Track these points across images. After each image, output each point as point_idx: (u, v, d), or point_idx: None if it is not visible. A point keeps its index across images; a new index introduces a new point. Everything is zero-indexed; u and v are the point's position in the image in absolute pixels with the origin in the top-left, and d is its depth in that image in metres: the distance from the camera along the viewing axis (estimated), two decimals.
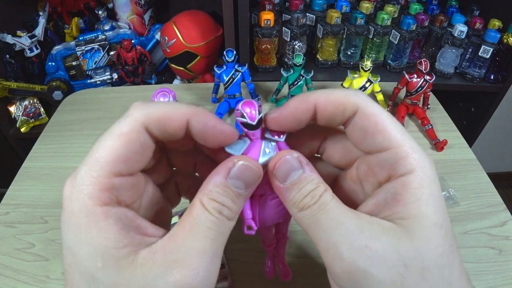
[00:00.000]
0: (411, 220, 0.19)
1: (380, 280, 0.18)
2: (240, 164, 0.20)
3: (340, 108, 0.21)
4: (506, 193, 1.66)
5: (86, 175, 0.19)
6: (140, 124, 0.19)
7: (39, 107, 1.07)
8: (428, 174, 0.20)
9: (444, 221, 0.19)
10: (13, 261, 0.39)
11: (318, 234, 0.20)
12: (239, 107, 0.21)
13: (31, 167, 0.51)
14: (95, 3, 1.09)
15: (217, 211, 0.19)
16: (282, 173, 0.21)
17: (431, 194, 0.19)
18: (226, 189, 0.20)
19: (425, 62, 0.56)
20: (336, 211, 0.20)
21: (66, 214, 0.19)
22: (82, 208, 0.18)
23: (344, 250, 0.19)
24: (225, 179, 0.20)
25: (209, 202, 0.19)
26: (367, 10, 0.97)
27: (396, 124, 0.20)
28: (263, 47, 0.92)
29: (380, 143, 0.20)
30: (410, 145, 0.20)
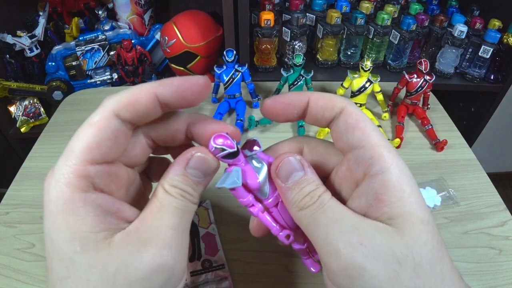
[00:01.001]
0: (399, 219, 0.20)
1: (375, 276, 0.19)
2: (197, 155, 0.22)
3: (329, 105, 0.23)
4: (506, 193, 1.66)
5: (62, 165, 0.19)
6: (110, 112, 0.20)
7: (39, 107, 1.07)
8: (405, 172, 0.21)
9: (429, 217, 0.20)
10: (13, 261, 0.39)
11: (317, 232, 0.21)
12: (213, 144, 0.22)
13: (31, 167, 0.51)
14: (95, 3, 1.09)
15: (180, 195, 0.21)
16: (285, 173, 0.22)
17: (412, 191, 0.20)
18: (186, 178, 0.22)
19: (425, 62, 0.56)
20: (334, 210, 0.21)
21: (46, 204, 0.19)
22: (59, 196, 0.19)
23: (341, 246, 0.19)
24: (184, 168, 0.22)
25: (171, 188, 0.21)
26: (367, 10, 0.97)
27: (375, 128, 0.22)
28: (263, 47, 0.92)
29: (359, 138, 0.21)
30: (385, 145, 0.21)
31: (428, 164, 0.52)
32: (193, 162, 0.22)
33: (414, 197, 0.20)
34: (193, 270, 0.34)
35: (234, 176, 0.22)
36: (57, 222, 0.19)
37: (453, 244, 0.42)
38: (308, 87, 0.59)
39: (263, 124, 0.56)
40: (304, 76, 0.57)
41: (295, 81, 0.57)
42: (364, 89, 0.57)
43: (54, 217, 0.19)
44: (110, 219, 0.20)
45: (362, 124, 0.22)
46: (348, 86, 0.59)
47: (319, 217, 0.21)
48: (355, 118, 0.22)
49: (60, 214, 0.19)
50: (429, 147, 0.55)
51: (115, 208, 0.20)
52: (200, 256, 0.35)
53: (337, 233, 0.20)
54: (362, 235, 0.20)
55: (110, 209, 0.20)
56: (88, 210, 0.19)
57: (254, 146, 0.24)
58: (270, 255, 0.39)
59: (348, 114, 0.22)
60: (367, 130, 0.21)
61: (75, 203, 0.19)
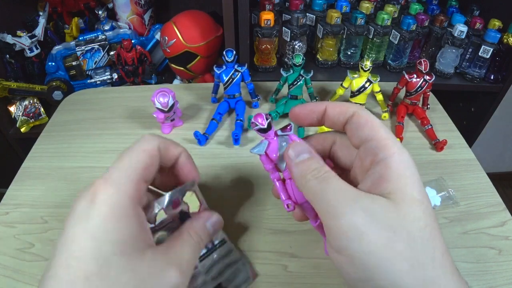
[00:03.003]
0: (396, 194, 0.23)
1: (373, 241, 0.21)
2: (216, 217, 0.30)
3: (343, 110, 0.27)
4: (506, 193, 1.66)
5: (122, 176, 0.23)
6: (157, 144, 0.26)
7: (39, 107, 1.07)
8: (406, 159, 0.24)
9: (424, 198, 0.23)
10: (13, 261, 0.39)
11: (322, 200, 0.23)
12: (253, 120, 0.29)
13: (31, 167, 0.51)
14: (95, 3, 1.09)
15: (198, 240, 0.27)
16: (294, 152, 0.27)
17: (411, 174, 0.23)
18: (204, 229, 0.29)
19: (424, 62, 0.56)
20: (339, 182, 0.24)
21: (98, 205, 0.22)
22: (114, 200, 0.22)
23: (343, 211, 0.22)
24: (204, 223, 0.29)
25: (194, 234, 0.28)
26: (367, 10, 0.97)
27: (382, 125, 0.26)
28: (263, 47, 0.92)
29: (368, 133, 0.25)
30: (391, 139, 0.25)
31: (428, 164, 0.52)
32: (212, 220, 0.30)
33: (412, 180, 0.23)
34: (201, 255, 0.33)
35: (261, 146, 0.29)
36: (108, 225, 0.21)
37: (453, 244, 0.42)
38: (308, 87, 0.59)
39: None
40: (304, 76, 0.57)
41: (295, 81, 0.57)
42: (363, 89, 0.57)
43: (106, 218, 0.21)
44: (147, 235, 0.24)
45: (371, 122, 0.26)
46: (347, 86, 0.59)
47: (325, 188, 0.23)
48: (364, 118, 0.26)
49: (110, 216, 0.21)
50: (429, 147, 0.55)
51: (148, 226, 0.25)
52: None
53: (340, 199, 0.23)
54: (364, 203, 0.22)
55: (146, 225, 0.24)
56: (136, 221, 0.23)
57: (287, 128, 0.30)
58: (270, 255, 0.39)
59: (359, 116, 0.26)
60: (375, 126, 0.25)
61: (128, 210, 0.22)
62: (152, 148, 0.25)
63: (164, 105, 0.50)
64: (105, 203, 0.22)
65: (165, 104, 0.50)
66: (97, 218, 0.21)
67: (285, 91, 0.59)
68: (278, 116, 0.57)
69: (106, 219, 0.21)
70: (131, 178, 0.23)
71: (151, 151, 0.25)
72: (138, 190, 0.23)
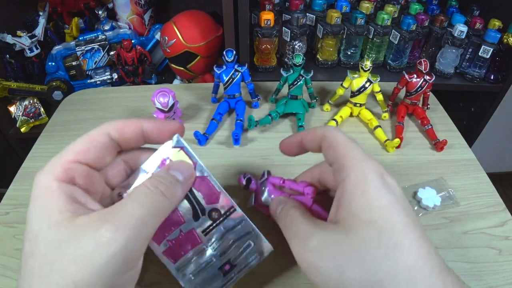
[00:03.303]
0: (346, 220, 0.23)
1: (326, 274, 0.22)
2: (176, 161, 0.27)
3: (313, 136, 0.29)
4: (506, 193, 1.66)
5: (53, 160, 0.24)
6: (104, 130, 0.26)
7: (39, 107, 1.07)
8: (360, 175, 0.24)
9: (378, 218, 0.22)
10: (13, 261, 0.39)
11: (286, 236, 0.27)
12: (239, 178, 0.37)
13: (31, 167, 0.51)
14: (95, 3, 1.09)
15: (154, 186, 0.24)
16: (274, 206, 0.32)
17: (363, 193, 0.23)
18: (167, 173, 0.26)
19: (424, 62, 0.56)
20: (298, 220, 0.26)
21: (33, 189, 0.23)
22: (43, 182, 0.23)
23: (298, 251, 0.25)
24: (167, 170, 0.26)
25: (150, 180, 0.25)
26: (367, 10, 0.97)
27: (348, 143, 0.26)
28: (263, 47, 0.92)
29: (332, 155, 0.26)
30: (351, 158, 0.25)
31: (428, 164, 0.52)
32: (176, 165, 0.27)
33: (364, 199, 0.23)
34: (205, 228, 0.29)
35: (251, 199, 0.35)
36: (35, 204, 0.22)
37: (453, 244, 0.42)
38: (308, 87, 0.59)
39: (263, 124, 0.56)
40: (304, 76, 0.57)
41: (295, 81, 0.57)
42: (364, 89, 0.57)
43: (34, 199, 0.22)
44: (78, 205, 0.23)
45: (334, 143, 0.26)
46: (348, 86, 0.59)
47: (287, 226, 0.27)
48: (329, 140, 0.27)
49: (38, 197, 0.22)
50: (429, 147, 0.55)
51: (84, 199, 0.24)
52: (203, 210, 0.29)
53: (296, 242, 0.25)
54: (318, 239, 0.24)
55: (80, 199, 0.23)
56: (60, 194, 0.22)
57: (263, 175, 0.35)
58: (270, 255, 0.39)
59: (325, 139, 0.27)
60: (337, 147, 0.26)
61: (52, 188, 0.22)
62: (95, 132, 0.26)
63: (164, 105, 0.50)
64: (35, 186, 0.23)
65: (165, 104, 0.50)
66: (31, 200, 0.23)
67: (285, 91, 0.59)
68: (278, 116, 0.57)
69: (35, 199, 0.22)
70: (60, 161, 0.24)
71: (92, 135, 0.25)
72: (67, 170, 0.23)
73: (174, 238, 0.28)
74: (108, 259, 0.20)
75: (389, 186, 0.24)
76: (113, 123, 0.26)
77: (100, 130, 0.26)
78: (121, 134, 0.26)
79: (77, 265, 0.20)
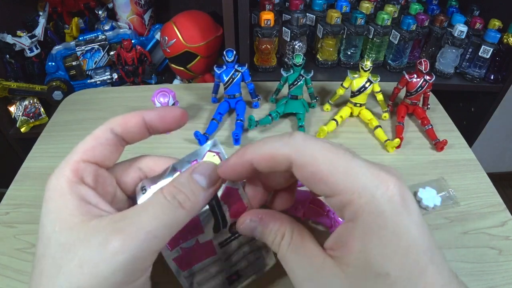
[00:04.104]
0: (353, 269, 0.20)
1: None
2: (204, 162, 0.24)
3: (273, 162, 0.21)
4: (506, 193, 1.66)
5: (62, 162, 0.24)
6: (107, 127, 0.25)
7: (39, 107, 1.07)
8: (375, 220, 0.19)
9: (393, 268, 0.19)
10: (13, 261, 0.39)
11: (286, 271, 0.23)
12: None
13: (31, 167, 0.51)
14: (95, 3, 1.09)
15: (172, 196, 0.22)
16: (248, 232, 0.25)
17: (377, 242, 0.19)
18: (189, 179, 0.23)
19: (425, 62, 0.56)
20: (292, 260, 0.22)
21: (45, 193, 0.23)
22: (54, 185, 0.23)
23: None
24: (190, 174, 0.23)
25: (169, 187, 0.22)
26: (367, 10, 0.97)
27: (336, 166, 0.20)
28: (263, 47, 0.92)
29: (324, 190, 0.20)
30: (354, 188, 0.19)
31: (428, 164, 0.52)
32: (199, 167, 0.23)
33: (378, 249, 0.19)
34: (223, 240, 0.28)
35: None
36: (47, 206, 0.22)
37: (453, 244, 0.42)
38: (308, 87, 0.59)
39: (263, 124, 0.56)
40: (304, 76, 0.57)
41: (295, 81, 0.57)
42: (364, 89, 0.57)
43: (46, 202, 0.22)
44: (90, 207, 0.22)
45: (319, 175, 0.20)
46: (348, 86, 0.59)
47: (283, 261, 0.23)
48: (309, 171, 0.20)
49: (51, 199, 0.22)
50: (429, 147, 0.55)
51: (96, 201, 0.23)
52: (225, 223, 0.27)
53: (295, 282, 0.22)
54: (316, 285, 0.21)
55: (91, 200, 0.23)
56: (72, 197, 0.22)
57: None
58: None
59: (300, 168, 0.20)
60: (327, 179, 0.20)
61: (64, 190, 0.22)
62: (99, 130, 0.25)
63: (164, 105, 0.50)
64: (47, 189, 0.23)
65: (165, 104, 0.50)
66: (43, 203, 0.22)
67: (285, 91, 0.59)
68: (278, 116, 0.57)
69: (48, 201, 0.22)
70: (68, 162, 0.24)
71: (96, 133, 0.25)
72: (76, 170, 0.23)
73: (188, 246, 0.26)
74: (114, 268, 0.20)
75: (408, 213, 0.19)
76: (115, 118, 0.26)
77: (103, 127, 0.25)
78: (124, 128, 0.25)
79: (83, 271, 0.20)
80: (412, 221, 0.19)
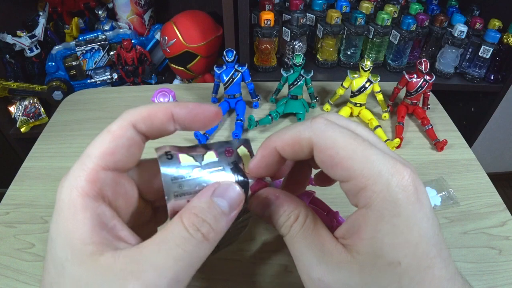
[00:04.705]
0: (364, 256, 0.19)
1: None
2: (224, 183, 0.21)
3: (297, 147, 0.21)
4: (506, 193, 1.66)
5: (77, 168, 0.20)
6: (128, 122, 0.21)
7: (39, 107, 1.07)
8: (388, 207, 0.19)
9: (404, 257, 0.19)
10: (13, 261, 0.39)
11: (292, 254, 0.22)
12: None
13: (31, 167, 0.51)
14: (95, 3, 1.09)
15: (195, 228, 0.19)
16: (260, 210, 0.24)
17: (389, 230, 0.19)
18: (211, 205, 0.20)
19: (425, 62, 0.56)
20: (302, 243, 0.22)
21: (56, 203, 0.19)
22: (66, 197, 0.19)
23: (303, 278, 0.21)
24: (210, 197, 0.20)
25: (190, 216, 0.19)
26: (367, 10, 0.97)
27: (355, 151, 0.19)
28: (263, 47, 0.92)
29: (341, 175, 0.20)
30: (370, 174, 0.19)
31: (428, 164, 0.52)
32: (220, 190, 0.21)
33: (390, 237, 0.19)
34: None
35: None
36: (58, 224, 0.19)
37: (453, 244, 0.42)
38: (308, 87, 0.59)
39: (263, 124, 0.56)
40: (304, 76, 0.57)
41: (295, 81, 0.57)
42: (364, 89, 0.57)
43: (57, 218, 0.19)
44: (105, 234, 0.19)
45: (337, 159, 0.20)
46: (348, 86, 0.59)
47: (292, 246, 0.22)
48: (328, 154, 0.20)
49: (62, 216, 0.19)
50: (429, 147, 0.55)
51: (112, 223, 0.20)
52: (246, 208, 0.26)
53: (301, 265, 0.21)
54: (324, 269, 0.20)
55: (107, 223, 0.20)
56: (86, 217, 0.19)
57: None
58: (270, 255, 0.39)
59: (319, 151, 0.20)
60: (344, 163, 0.20)
61: (77, 207, 0.19)
62: (118, 128, 0.21)
63: None
64: (58, 200, 0.19)
65: None
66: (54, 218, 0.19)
67: (285, 91, 0.59)
68: (278, 116, 0.57)
69: (58, 218, 0.19)
70: (83, 169, 0.20)
71: (116, 131, 0.21)
72: (93, 181, 0.19)
73: None
74: None
75: (420, 205, 0.19)
76: (137, 112, 0.21)
77: (124, 123, 0.21)
78: (150, 125, 0.21)
79: None
80: (424, 213, 0.19)
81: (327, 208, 0.36)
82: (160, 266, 0.18)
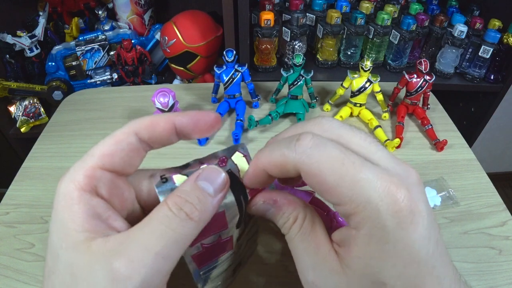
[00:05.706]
0: (352, 272, 0.20)
1: None
2: (208, 168, 0.22)
3: (284, 170, 0.21)
4: (506, 193, 1.66)
5: (77, 165, 0.21)
6: (131, 129, 0.22)
7: (39, 107, 1.07)
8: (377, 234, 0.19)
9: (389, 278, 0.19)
10: (13, 261, 0.39)
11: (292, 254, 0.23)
12: None
13: (31, 167, 0.51)
14: (95, 3, 1.09)
15: (177, 207, 0.20)
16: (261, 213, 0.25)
17: (376, 255, 0.19)
18: (194, 187, 0.21)
19: (425, 62, 0.56)
20: (299, 246, 0.23)
21: (55, 196, 0.21)
22: (64, 191, 0.20)
23: (301, 278, 0.22)
24: (194, 181, 0.21)
25: (173, 198, 0.20)
26: (367, 10, 0.97)
27: (343, 178, 0.19)
28: (263, 47, 0.92)
29: (330, 200, 0.20)
30: (359, 201, 0.19)
31: (428, 164, 0.52)
32: (203, 173, 0.22)
33: (376, 261, 0.19)
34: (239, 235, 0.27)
35: None
36: (55, 213, 0.20)
37: (453, 244, 0.42)
38: (308, 87, 0.59)
39: (263, 124, 0.56)
40: (304, 76, 0.57)
41: (295, 81, 0.57)
42: (364, 89, 0.57)
43: (55, 207, 0.20)
44: (97, 223, 0.20)
45: (325, 186, 0.20)
46: (348, 86, 0.59)
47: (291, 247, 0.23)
48: (315, 180, 0.20)
49: (59, 208, 0.20)
50: (429, 147, 0.55)
51: (107, 214, 0.21)
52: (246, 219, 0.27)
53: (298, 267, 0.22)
54: (318, 275, 0.21)
55: (101, 214, 0.21)
56: (80, 208, 0.20)
57: None
58: (270, 255, 0.39)
59: (307, 177, 0.20)
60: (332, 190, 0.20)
61: (72, 199, 0.20)
62: (121, 133, 0.22)
63: (164, 105, 0.50)
64: (57, 193, 0.21)
65: (165, 104, 0.50)
66: (53, 210, 0.21)
67: (285, 91, 0.59)
68: (278, 116, 0.57)
69: (57, 209, 0.20)
70: (82, 167, 0.21)
71: (118, 136, 0.22)
72: (90, 177, 0.21)
73: (210, 243, 0.24)
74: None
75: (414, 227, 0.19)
76: (141, 121, 0.23)
77: (127, 130, 0.22)
78: (152, 133, 0.22)
79: None
80: (419, 235, 0.19)
81: (327, 208, 0.36)
82: (145, 243, 0.19)
